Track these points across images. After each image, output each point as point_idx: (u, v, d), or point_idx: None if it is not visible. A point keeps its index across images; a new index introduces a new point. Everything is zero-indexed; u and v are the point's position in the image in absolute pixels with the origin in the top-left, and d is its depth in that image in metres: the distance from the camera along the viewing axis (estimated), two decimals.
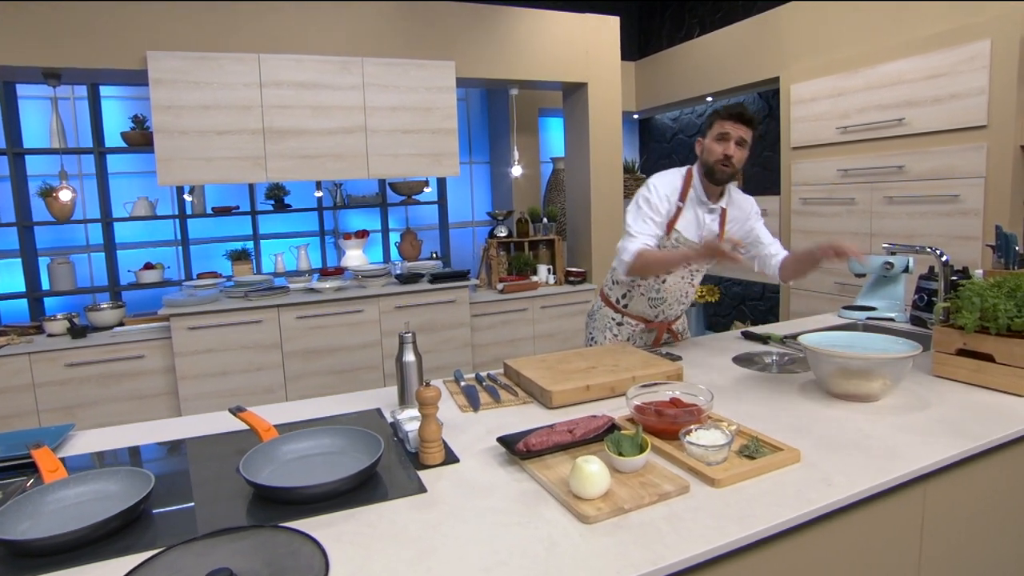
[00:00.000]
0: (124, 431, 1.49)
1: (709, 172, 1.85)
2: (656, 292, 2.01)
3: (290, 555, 0.92)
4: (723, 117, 1.81)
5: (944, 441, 1.22)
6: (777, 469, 1.13)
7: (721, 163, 1.81)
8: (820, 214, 3.55)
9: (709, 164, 1.84)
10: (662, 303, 2.03)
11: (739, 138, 1.80)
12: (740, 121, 1.79)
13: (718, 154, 1.81)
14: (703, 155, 1.87)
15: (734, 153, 1.80)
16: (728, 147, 1.79)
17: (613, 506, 0.99)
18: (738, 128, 1.79)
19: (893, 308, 2.32)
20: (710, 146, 1.83)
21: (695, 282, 2.06)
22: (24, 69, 2.97)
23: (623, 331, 2.10)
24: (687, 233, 1.91)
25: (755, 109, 4.67)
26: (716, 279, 5.21)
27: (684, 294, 2.06)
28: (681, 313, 2.15)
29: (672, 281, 1.99)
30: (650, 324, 2.09)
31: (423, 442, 1.22)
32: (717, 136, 1.82)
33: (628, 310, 2.08)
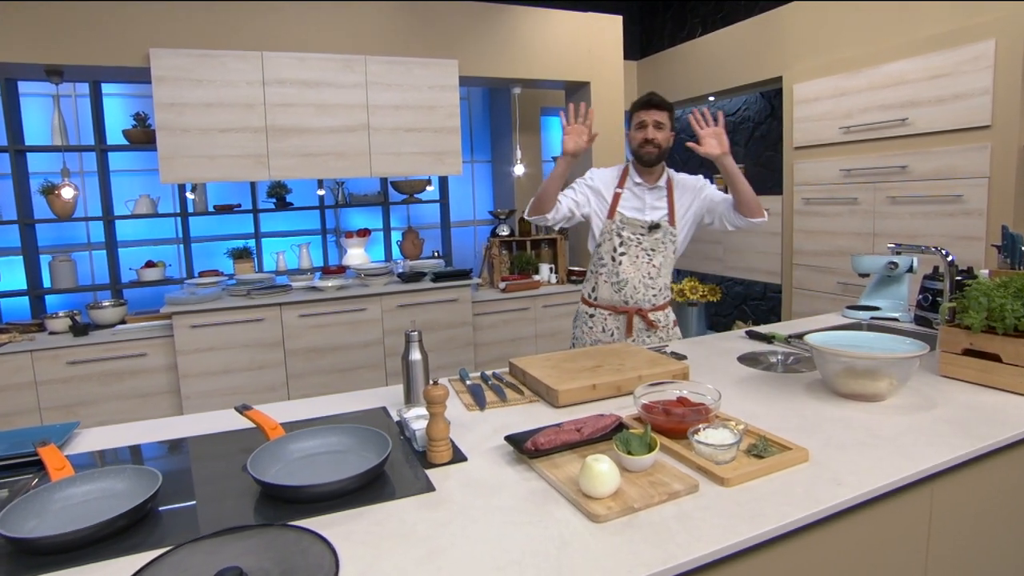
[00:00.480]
0: (128, 429, 1.49)
1: (638, 157, 2.06)
2: (616, 276, 2.09)
3: (300, 554, 0.91)
4: (637, 108, 2.04)
5: (952, 441, 1.21)
6: (786, 468, 1.12)
7: (643, 146, 2.02)
8: (822, 214, 3.55)
9: (635, 150, 2.06)
10: (624, 285, 2.09)
11: (655, 121, 2.00)
12: (651, 107, 2.00)
13: (639, 140, 2.02)
14: (630, 145, 2.08)
15: (654, 136, 2.00)
16: (646, 132, 2.00)
17: (623, 505, 0.99)
18: (651, 113, 2.00)
19: (897, 308, 2.31)
20: (632, 135, 2.06)
21: (656, 262, 2.09)
22: (27, 66, 2.97)
23: (595, 322, 2.15)
24: (630, 213, 2.09)
25: (757, 108, 4.68)
26: (718, 279, 5.21)
27: (647, 275, 2.09)
28: (661, 302, 2.14)
29: (627, 263, 2.08)
30: (619, 310, 2.11)
31: (431, 441, 1.22)
32: (636, 126, 2.04)
33: (597, 301, 2.15)
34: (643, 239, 2.07)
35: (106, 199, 3.66)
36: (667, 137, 2.03)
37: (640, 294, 2.09)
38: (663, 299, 2.15)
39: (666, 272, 2.13)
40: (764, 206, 2.10)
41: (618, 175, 2.12)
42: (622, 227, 2.06)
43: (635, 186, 2.09)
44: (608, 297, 2.12)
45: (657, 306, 2.13)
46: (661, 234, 2.07)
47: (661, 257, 2.09)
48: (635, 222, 2.06)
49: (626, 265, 2.07)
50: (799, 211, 3.70)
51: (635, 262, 2.07)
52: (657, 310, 2.14)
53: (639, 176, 2.09)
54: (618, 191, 2.08)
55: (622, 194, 2.08)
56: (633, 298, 2.09)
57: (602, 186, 2.10)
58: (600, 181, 2.11)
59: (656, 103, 2.00)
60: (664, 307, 2.16)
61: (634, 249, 2.06)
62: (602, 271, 2.12)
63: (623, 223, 2.06)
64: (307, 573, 0.87)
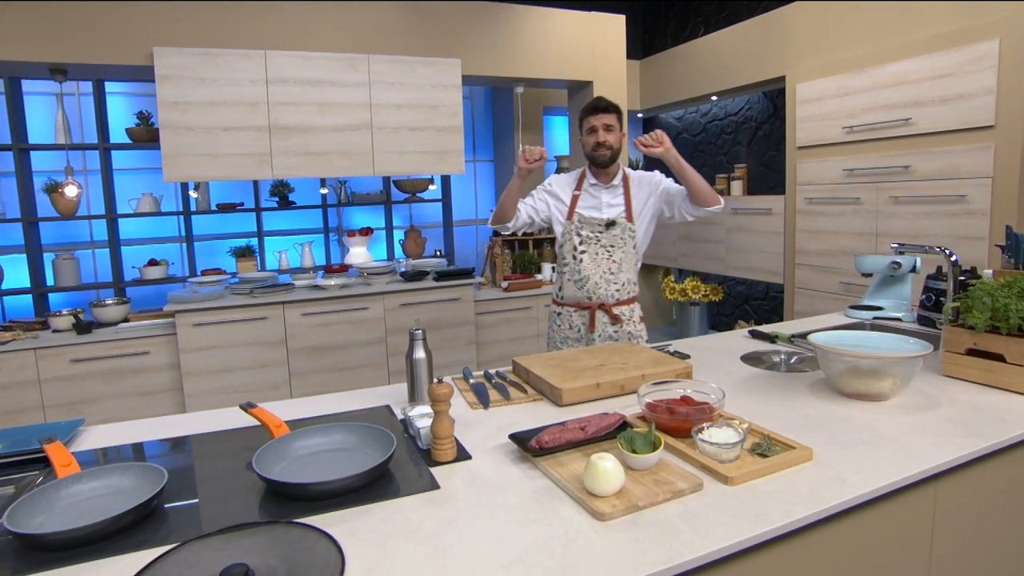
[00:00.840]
0: (132, 427, 1.49)
1: (592, 160, 2.14)
2: (578, 274, 2.16)
3: (305, 551, 0.91)
4: (586, 114, 2.12)
5: (955, 441, 1.21)
6: (790, 467, 1.13)
7: (596, 149, 2.09)
8: (825, 214, 3.55)
9: (588, 154, 2.14)
10: (586, 282, 2.15)
11: (604, 125, 2.08)
12: (599, 111, 2.09)
13: (592, 144, 2.10)
14: (584, 150, 2.16)
15: (605, 138, 2.08)
16: (597, 135, 2.08)
17: (628, 503, 0.99)
18: (600, 117, 2.08)
19: (900, 308, 2.31)
20: (584, 140, 2.14)
21: (616, 258, 2.15)
22: (31, 65, 2.97)
23: (563, 320, 2.22)
24: (588, 212, 2.16)
25: (760, 108, 4.67)
26: (720, 279, 5.21)
27: (608, 271, 2.14)
28: (624, 296, 2.18)
29: (588, 261, 2.14)
30: (582, 306, 2.17)
31: (436, 439, 1.22)
32: (587, 131, 2.12)
33: (564, 300, 2.23)
34: (602, 236, 2.14)
35: (109, 197, 3.67)
36: (618, 138, 2.12)
37: (602, 289, 2.15)
38: (627, 294, 2.19)
39: (628, 267, 2.18)
40: (766, 206, 2.14)
41: (576, 179, 2.22)
42: (581, 226, 2.15)
43: (591, 187, 2.18)
44: (572, 295, 2.19)
45: (621, 301, 2.18)
46: (619, 230, 2.14)
47: (621, 253, 2.15)
48: (593, 220, 2.14)
49: (587, 262, 2.14)
50: (802, 211, 3.70)
51: (595, 259, 2.14)
52: (621, 305, 2.18)
53: (595, 178, 2.18)
54: (576, 193, 2.18)
55: (580, 196, 2.17)
56: (595, 293, 2.15)
57: (560, 190, 2.20)
58: (558, 186, 2.21)
59: (604, 107, 2.10)
60: (628, 302, 2.20)
61: (594, 246, 2.14)
62: (565, 270, 2.20)
63: (581, 222, 2.15)
64: (313, 570, 0.87)
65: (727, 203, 4.43)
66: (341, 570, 0.86)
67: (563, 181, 2.23)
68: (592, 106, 2.11)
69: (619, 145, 2.13)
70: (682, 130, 5.57)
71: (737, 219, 4.33)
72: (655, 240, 5.81)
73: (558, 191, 2.20)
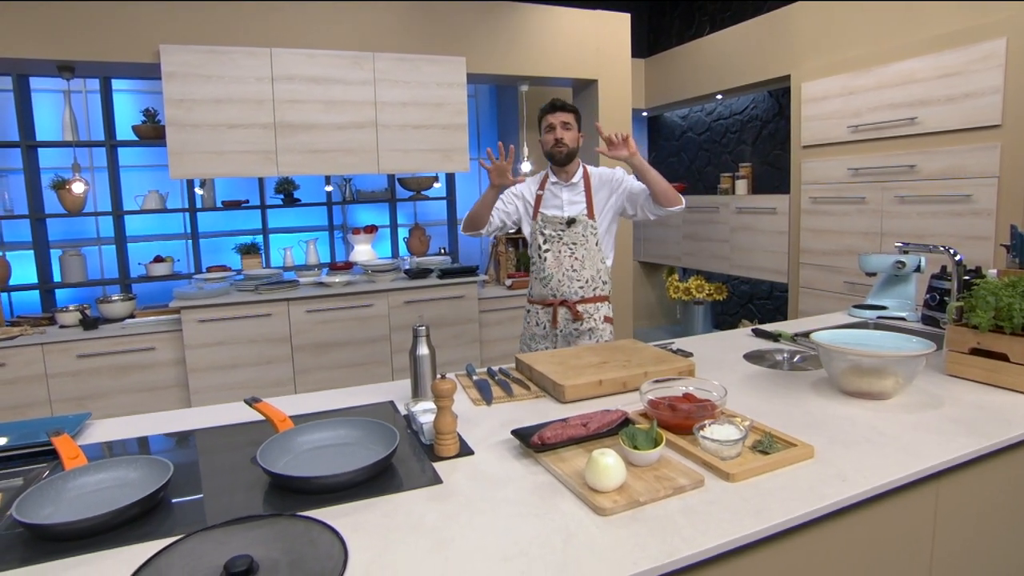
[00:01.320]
0: (139, 420, 1.51)
1: (551, 158, 2.20)
2: (543, 272, 2.22)
3: (309, 543, 0.92)
4: (545, 112, 2.18)
5: (958, 440, 1.21)
6: (791, 464, 1.13)
7: (554, 147, 2.16)
8: (830, 213, 3.54)
9: (547, 152, 2.20)
10: (550, 279, 2.20)
11: (562, 123, 2.14)
12: (556, 110, 2.15)
13: (550, 142, 2.16)
14: (543, 149, 2.22)
15: (562, 135, 2.14)
16: (555, 133, 2.14)
17: (629, 499, 1.00)
18: (557, 116, 2.14)
19: (904, 307, 2.31)
20: (543, 139, 2.20)
21: (578, 255, 2.18)
22: (39, 62, 2.99)
23: (531, 317, 2.29)
24: (550, 212, 2.21)
25: (765, 107, 4.66)
26: (724, 278, 5.20)
27: (570, 268, 2.19)
28: (589, 294, 2.21)
29: (551, 259, 2.20)
30: (547, 303, 2.23)
31: (438, 434, 1.23)
32: (545, 129, 2.18)
33: (534, 298, 2.30)
34: (563, 234, 2.18)
35: (115, 194, 3.69)
36: (575, 137, 2.17)
37: (565, 287, 2.19)
38: (592, 291, 2.22)
39: (591, 264, 2.20)
40: (771, 205, 2.16)
41: (539, 180, 2.27)
42: (543, 225, 2.20)
43: (553, 186, 2.23)
44: (540, 293, 2.26)
45: (586, 298, 2.21)
46: (580, 228, 2.18)
47: (583, 250, 2.19)
48: (554, 219, 2.19)
49: (550, 260, 2.20)
50: (806, 210, 3.69)
51: (558, 257, 2.19)
52: (585, 302, 2.21)
53: (556, 176, 2.24)
54: (539, 193, 2.24)
55: (543, 195, 2.23)
56: (559, 291, 2.20)
57: (526, 191, 2.26)
58: (525, 188, 2.27)
59: (560, 106, 2.16)
60: (594, 300, 2.23)
61: (556, 245, 2.19)
62: (533, 269, 2.27)
63: (544, 222, 2.20)
64: (316, 563, 0.88)
65: (731, 202, 4.43)
66: (344, 562, 0.87)
67: (530, 182, 2.28)
68: (550, 105, 2.18)
69: (576, 144, 2.19)
70: (687, 129, 5.57)
71: (742, 218, 4.32)
72: (659, 239, 5.80)
73: (525, 192, 2.26)
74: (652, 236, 5.44)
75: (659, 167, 6.01)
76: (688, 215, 4.90)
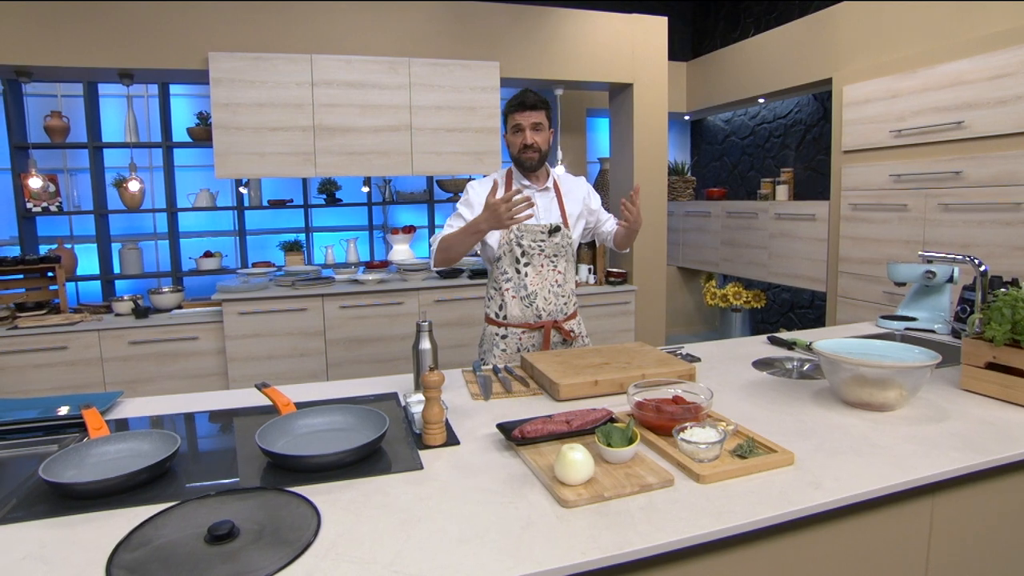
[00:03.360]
0: (163, 400, 1.63)
1: (519, 163, 1.97)
2: (524, 290, 1.97)
3: (288, 515, 1.00)
4: (512, 110, 1.93)
5: (951, 455, 1.17)
6: (768, 470, 1.12)
7: (523, 152, 1.93)
8: (870, 220, 3.40)
9: (515, 156, 1.97)
10: (535, 298, 1.97)
11: (532, 124, 1.90)
12: (525, 108, 1.90)
13: (518, 145, 1.93)
14: (509, 151, 1.99)
15: (533, 140, 1.91)
16: (525, 136, 1.91)
17: (594, 493, 1.03)
18: (527, 115, 1.90)
19: (936, 320, 2.21)
20: (510, 140, 1.96)
21: (560, 268, 2.00)
22: (102, 70, 3.25)
23: (509, 343, 2.00)
24: (528, 221, 1.95)
25: (810, 111, 4.52)
26: (764, 285, 5.07)
27: (555, 283, 1.99)
28: (571, 310, 2.06)
29: (533, 274, 1.97)
30: (533, 326, 1.99)
31: (426, 423, 1.29)
32: (512, 129, 1.94)
33: (508, 320, 2.00)
34: (544, 245, 1.96)
35: (170, 192, 3.95)
36: (546, 138, 1.94)
37: (552, 305, 1.98)
38: (572, 307, 2.07)
39: (570, 278, 2.04)
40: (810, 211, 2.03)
41: (502, 182, 2.00)
42: (521, 235, 1.94)
43: (525, 190, 1.99)
44: (519, 314, 1.98)
45: (569, 315, 2.05)
46: (560, 238, 1.98)
47: (564, 262, 2.00)
48: (534, 228, 1.95)
49: (532, 276, 1.96)
50: (846, 217, 3.56)
51: (540, 271, 1.97)
52: (570, 319, 2.05)
53: (525, 179, 2.00)
54: None
55: None
56: (546, 310, 1.98)
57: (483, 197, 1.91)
58: (481, 193, 1.94)
59: (531, 103, 1.89)
60: (574, 316, 2.08)
61: (537, 258, 1.96)
62: (507, 286, 1.98)
63: (522, 231, 1.94)
64: (291, 532, 0.96)
65: (771, 208, 4.32)
66: (315, 531, 0.95)
67: (489, 186, 1.90)
68: (518, 102, 1.90)
69: (548, 146, 1.96)
70: (730, 133, 5.46)
71: (780, 224, 4.21)
72: (696, 244, 5.71)
73: (476, 199, 1.94)
74: (690, 241, 5.36)
75: (701, 171, 5.91)
76: (727, 220, 4.81)
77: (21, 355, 2.99)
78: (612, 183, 4.57)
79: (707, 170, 5.84)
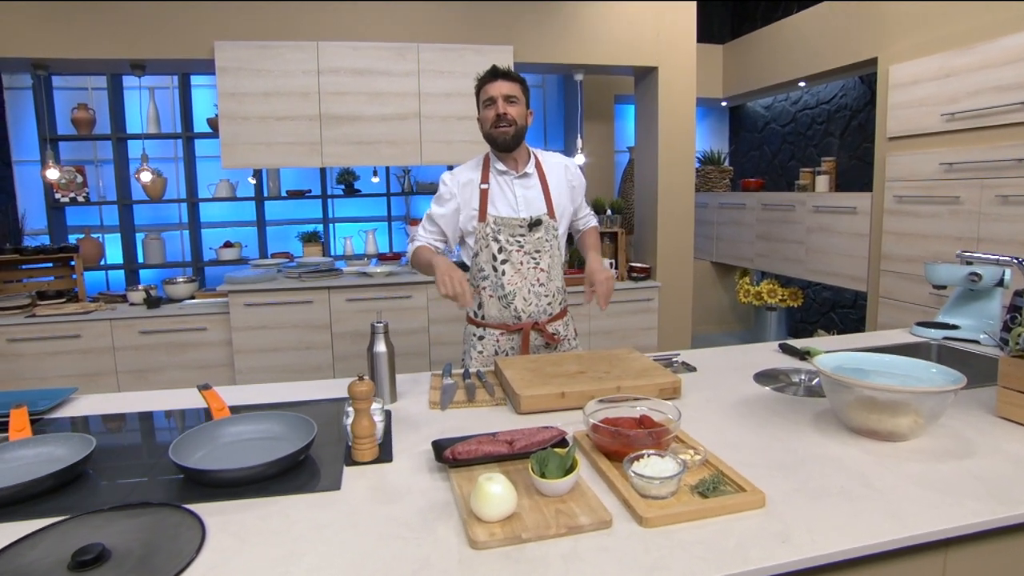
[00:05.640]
0: (117, 399, 1.58)
1: (492, 140, 1.77)
2: (502, 289, 1.80)
3: (173, 537, 0.92)
4: (483, 83, 1.76)
5: (969, 504, 0.96)
6: (730, 513, 0.94)
7: (495, 126, 1.74)
8: (917, 214, 3.07)
9: (487, 133, 1.77)
10: (513, 298, 1.80)
11: (505, 96, 1.72)
12: (496, 78, 1.73)
13: (490, 119, 1.74)
14: (482, 129, 1.79)
15: (506, 110, 1.72)
16: (496, 106, 1.72)
17: (510, 533, 0.88)
18: (499, 86, 1.72)
19: (983, 328, 1.93)
20: (482, 116, 1.78)
21: (543, 265, 1.81)
22: (114, 62, 3.27)
23: (486, 344, 1.85)
24: (504, 211, 1.80)
25: (856, 95, 4.14)
26: (803, 283, 4.72)
27: (536, 282, 1.81)
28: (556, 310, 1.87)
29: (511, 272, 1.79)
30: (512, 327, 1.83)
31: (355, 438, 1.17)
32: (484, 103, 1.76)
33: (485, 320, 1.86)
34: (524, 240, 1.79)
35: (191, 183, 3.98)
36: (523, 113, 1.75)
37: (532, 306, 1.81)
38: (559, 306, 1.88)
39: (556, 275, 1.85)
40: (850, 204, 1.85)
41: (478, 168, 1.82)
42: (498, 230, 1.78)
43: (500, 176, 1.81)
44: (497, 315, 1.83)
45: (554, 316, 1.86)
46: (543, 231, 1.80)
47: (548, 258, 1.82)
48: (511, 221, 1.78)
49: (510, 274, 1.79)
50: (890, 210, 3.23)
51: (520, 269, 1.79)
52: (555, 320, 1.87)
53: (502, 163, 1.81)
54: (483, 187, 1.79)
55: (489, 190, 1.79)
56: (525, 311, 1.81)
57: (467, 191, 1.80)
58: (456, 184, 1.81)
59: (503, 73, 1.73)
60: (561, 315, 1.90)
61: (516, 254, 1.79)
62: (485, 284, 1.83)
63: (498, 224, 1.78)
64: (166, 556, 0.88)
65: (808, 200, 4.00)
66: (190, 560, 0.85)
67: (463, 177, 1.82)
68: (490, 73, 1.74)
69: (524, 122, 1.76)
70: (770, 120, 5.10)
71: (819, 218, 3.88)
72: (731, 238, 5.41)
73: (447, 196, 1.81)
74: (724, 235, 5.06)
75: (739, 160, 5.58)
76: (762, 213, 4.50)
77: (38, 342, 3.06)
78: (637, 173, 4.33)
79: (746, 159, 5.50)
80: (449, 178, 1.84)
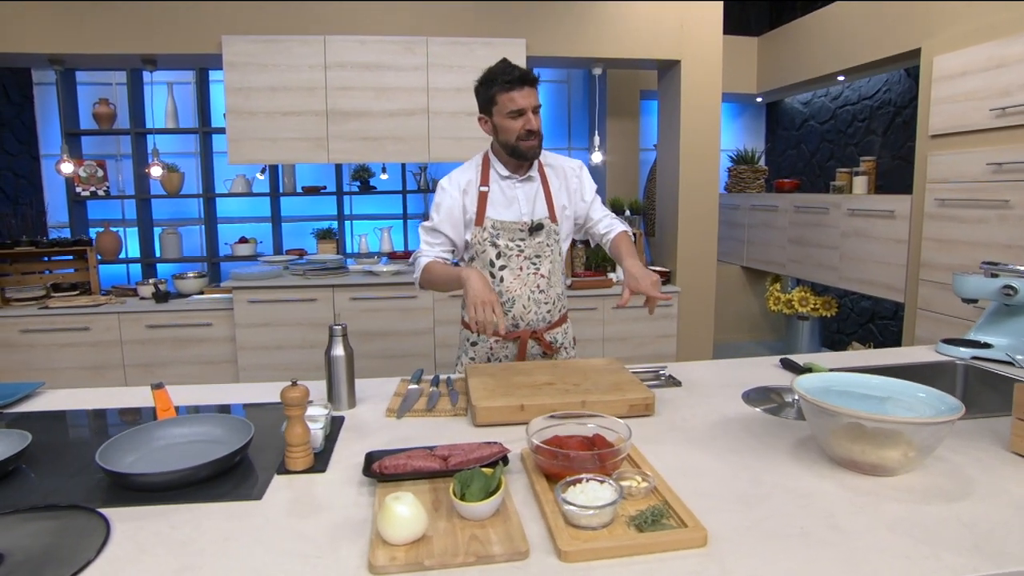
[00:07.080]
0: (80, 394, 1.56)
1: (515, 152, 1.64)
2: (500, 296, 1.70)
3: (73, 544, 0.89)
4: (506, 88, 1.56)
5: (948, 558, 0.81)
6: (664, 551, 0.83)
7: (527, 139, 1.61)
8: (961, 219, 2.82)
9: (511, 144, 1.63)
10: (511, 306, 1.71)
11: (535, 107, 1.59)
12: (525, 84, 1.57)
13: (517, 131, 1.60)
14: (499, 135, 1.66)
15: (537, 125, 1.60)
16: (528, 121, 1.59)
17: (413, 559, 0.80)
18: (528, 96, 1.57)
19: (1019, 348, 1.73)
20: (505, 125, 1.61)
21: (543, 271, 1.72)
22: (125, 56, 3.31)
23: (479, 351, 1.77)
24: (505, 215, 1.70)
25: (900, 90, 3.87)
26: (838, 292, 4.45)
27: (536, 288, 1.72)
28: (556, 317, 1.78)
29: (510, 278, 1.71)
30: (507, 336, 1.73)
31: (287, 446, 1.11)
32: (509, 114, 1.59)
33: None
34: (524, 245, 1.70)
35: (207, 178, 4.04)
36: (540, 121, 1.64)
37: (532, 314, 1.73)
38: (558, 313, 1.79)
39: (556, 281, 1.77)
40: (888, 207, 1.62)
41: (476, 171, 1.74)
42: (496, 234, 1.69)
43: (502, 180, 1.72)
44: None
45: (552, 323, 1.77)
46: (544, 236, 1.71)
47: (548, 264, 1.73)
48: (512, 226, 1.69)
49: (509, 280, 1.71)
50: (931, 215, 2.98)
51: (519, 275, 1.71)
52: (553, 328, 1.78)
53: (507, 168, 1.71)
54: (483, 190, 1.70)
55: (488, 193, 1.70)
56: (524, 319, 1.72)
57: (465, 196, 1.71)
58: (456, 189, 1.72)
59: (532, 80, 1.58)
60: (560, 323, 1.81)
61: (516, 259, 1.70)
62: None
63: (497, 229, 1.69)
64: (58, 564, 0.84)
65: (843, 202, 3.75)
66: (85, 565, 0.82)
67: (463, 181, 1.72)
68: (516, 76, 1.56)
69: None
70: (809, 116, 4.84)
71: (854, 222, 3.64)
72: (762, 242, 5.16)
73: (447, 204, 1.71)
74: (755, 239, 4.82)
75: (775, 160, 5.33)
76: (795, 216, 4.26)
77: (50, 334, 3.15)
78: (659, 172, 4.17)
79: (782, 159, 5.24)
80: (448, 183, 1.75)
